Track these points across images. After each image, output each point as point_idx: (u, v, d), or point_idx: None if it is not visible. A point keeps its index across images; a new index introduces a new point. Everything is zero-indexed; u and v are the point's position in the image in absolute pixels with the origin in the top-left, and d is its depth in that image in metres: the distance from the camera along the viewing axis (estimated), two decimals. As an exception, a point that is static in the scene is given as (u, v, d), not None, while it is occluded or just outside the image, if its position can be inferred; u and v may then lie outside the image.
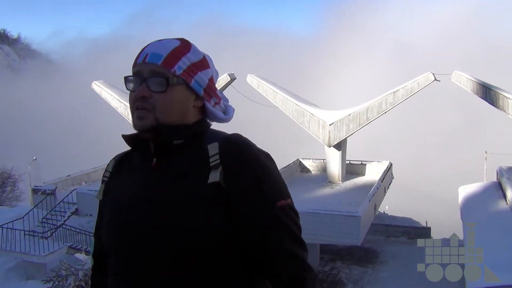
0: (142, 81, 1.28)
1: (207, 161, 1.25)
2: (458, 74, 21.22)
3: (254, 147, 1.29)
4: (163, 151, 1.30)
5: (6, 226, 16.21)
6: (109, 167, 1.45)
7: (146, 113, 1.27)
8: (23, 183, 26.16)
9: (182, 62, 1.30)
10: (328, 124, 20.96)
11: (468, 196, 17.35)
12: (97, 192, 1.47)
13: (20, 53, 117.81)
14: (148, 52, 1.30)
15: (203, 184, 1.22)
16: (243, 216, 1.22)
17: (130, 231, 1.26)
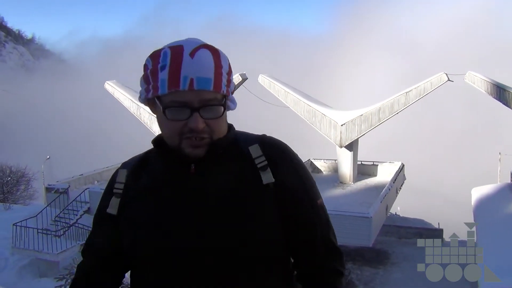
0: (192, 111, 1.18)
1: (253, 163, 1.27)
2: (471, 74, 21.00)
3: (290, 148, 1.37)
4: (203, 158, 1.26)
5: (20, 224, 16.38)
6: (121, 177, 1.34)
7: (204, 142, 1.22)
8: (36, 181, 26.40)
9: (224, 78, 1.23)
10: (339, 124, 20.87)
11: (481, 197, 17.16)
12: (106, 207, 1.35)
13: (34, 53, 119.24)
14: (193, 76, 1.16)
15: (258, 185, 1.25)
16: (293, 214, 1.29)
17: (191, 240, 1.21)
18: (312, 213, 1.33)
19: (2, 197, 23.20)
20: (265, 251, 1.25)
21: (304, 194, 1.33)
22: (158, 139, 1.31)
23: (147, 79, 1.23)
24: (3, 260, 16.27)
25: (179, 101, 1.18)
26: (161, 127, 1.26)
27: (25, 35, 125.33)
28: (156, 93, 1.20)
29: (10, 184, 24.04)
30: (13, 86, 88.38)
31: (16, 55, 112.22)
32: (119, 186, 1.33)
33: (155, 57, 1.22)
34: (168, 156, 1.28)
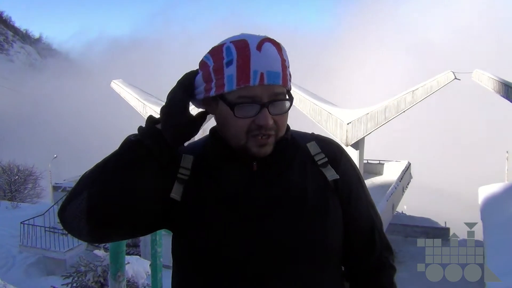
0: (261, 107, 1.14)
1: (312, 159, 1.27)
2: (479, 72, 20.88)
3: (342, 147, 1.37)
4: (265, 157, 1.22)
5: (28, 223, 16.49)
6: (186, 163, 1.25)
7: (271, 139, 1.18)
8: (44, 180, 26.59)
9: (288, 72, 1.19)
10: (345, 123, 20.83)
11: (489, 196, 17.06)
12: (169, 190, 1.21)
13: (41, 53, 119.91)
14: (263, 71, 1.11)
15: (321, 181, 1.25)
16: (354, 210, 1.29)
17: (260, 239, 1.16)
18: (371, 209, 1.35)
19: (10, 196, 23.39)
20: (334, 248, 1.24)
21: (362, 191, 1.34)
22: (219, 137, 1.24)
23: (209, 76, 1.16)
24: (11, 258, 16.41)
25: (248, 96, 1.13)
26: (224, 126, 1.20)
27: (33, 35, 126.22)
28: (222, 90, 1.14)
29: (17, 182, 24.23)
30: (20, 85, 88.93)
31: (24, 55, 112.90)
32: (185, 172, 1.23)
33: (217, 53, 1.16)
34: (227, 151, 1.22)
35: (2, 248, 16.80)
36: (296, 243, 1.18)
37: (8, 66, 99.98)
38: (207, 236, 1.19)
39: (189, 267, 1.24)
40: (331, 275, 1.25)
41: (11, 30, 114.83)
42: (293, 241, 1.18)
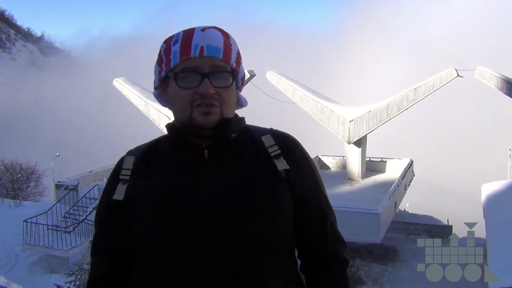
0: (203, 77, 1.21)
1: (266, 151, 1.30)
2: (481, 69, 20.82)
3: (298, 140, 1.40)
4: (217, 144, 1.27)
5: (30, 221, 16.53)
6: (128, 164, 1.32)
7: (214, 109, 1.23)
8: (46, 178, 26.65)
9: (233, 55, 1.26)
10: (348, 120, 20.79)
11: (491, 194, 17.02)
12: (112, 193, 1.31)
13: (43, 51, 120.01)
14: (203, 44, 1.21)
15: (272, 171, 1.28)
16: (305, 201, 1.32)
17: (206, 228, 1.20)
18: (323, 201, 1.38)
19: (13, 194, 23.45)
20: (279, 240, 1.26)
21: (315, 184, 1.37)
22: (171, 125, 1.31)
23: (161, 59, 1.28)
24: (14, 256, 16.45)
25: (190, 67, 1.22)
26: (173, 104, 1.28)
27: (35, 33, 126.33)
28: (169, 67, 1.24)
29: (20, 181, 24.28)
30: (22, 83, 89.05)
31: (26, 53, 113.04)
32: (125, 173, 1.31)
33: (169, 39, 1.28)
34: (180, 140, 1.28)
35: (5, 246, 16.84)
36: (241, 233, 1.20)
37: (10, 64, 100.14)
38: (143, 224, 1.24)
39: (138, 260, 1.30)
40: (279, 267, 1.27)
41: (13, 28, 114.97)
42: (238, 231, 1.20)
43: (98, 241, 1.39)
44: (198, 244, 1.19)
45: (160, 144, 1.35)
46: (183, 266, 1.21)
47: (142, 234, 1.25)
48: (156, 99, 1.36)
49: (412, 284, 15.11)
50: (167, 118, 23.40)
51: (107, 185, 1.36)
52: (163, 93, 1.32)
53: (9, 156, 25.61)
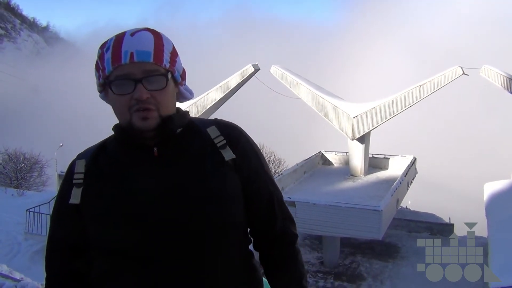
0: (136, 83, 1.24)
1: (212, 142, 1.36)
2: (487, 68, 20.71)
3: (243, 129, 1.47)
4: (164, 140, 1.32)
5: (33, 210, 16.63)
6: (79, 168, 1.36)
7: (151, 113, 1.26)
8: (49, 168, 26.71)
9: (166, 55, 1.29)
10: (351, 117, 20.75)
11: (494, 193, 17.00)
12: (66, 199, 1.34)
13: (48, 41, 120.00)
14: (132, 50, 1.23)
15: (220, 162, 1.34)
16: (253, 184, 1.39)
17: (166, 221, 1.25)
18: (269, 183, 1.45)
19: (16, 183, 23.56)
20: (231, 224, 1.33)
21: (261, 167, 1.44)
22: (118, 126, 1.34)
23: (97, 65, 1.30)
24: (16, 245, 16.55)
25: (122, 74, 1.24)
26: (114, 109, 1.31)
27: (40, 23, 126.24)
28: (104, 74, 1.27)
29: (23, 170, 24.39)
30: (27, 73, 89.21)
31: (31, 43, 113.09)
32: (78, 176, 1.35)
33: (103, 45, 1.30)
34: (129, 140, 1.32)
35: (8, 235, 16.95)
36: (195, 225, 1.26)
37: (15, 54, 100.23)
38: (100, 224, 1.28)
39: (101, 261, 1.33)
40: (234, 248, 1.35)
41: (18, 18, 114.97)
42: (192, 222, 1.26)
43: (52, 239, 1.42)
44: (155, 238, 1.24)
45: (108, 145, 1.39)
46: (141, 262, 1.26)
47: (100, 235, 1.29)
48: (103, 99, 1.39)
49: (412, 281, 15.15)
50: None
51: (61, 190, 1.40)
52: (106, 96, 1.35)
53: (13, 145, 25.70)
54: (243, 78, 23.00)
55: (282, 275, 1.45)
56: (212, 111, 23.54)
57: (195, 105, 22.34)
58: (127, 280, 1.28)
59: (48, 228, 1.46)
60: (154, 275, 1.25)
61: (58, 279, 1.40)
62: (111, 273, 1.30)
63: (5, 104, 75.26)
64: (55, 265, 1.42)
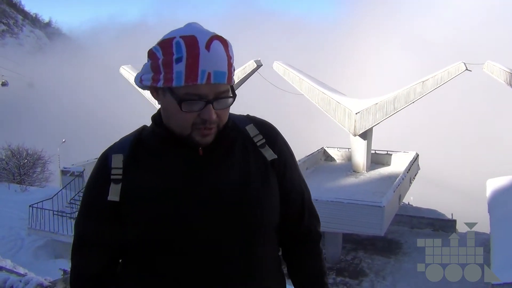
0: (206, 103, 1.21)
1: (252, 141, 1.38)
2: (490, 64, 20.63)
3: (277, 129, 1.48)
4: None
5: (36, 206, 16.66)
6: (116, 163, 1.31)
7: (212, 130, 1.26)
8: (52, 164, 26.79)
9: (233, 69, 1.27)
10: (354, 113, 20.73)
11: (497, 189, 16.98)
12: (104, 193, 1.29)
13: (51, 37, 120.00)
14: (210, 71, 1.18)
15: (262, 161, 1.36)
16: (287, 183, 1.41)
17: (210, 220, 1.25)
18: (301, 182, 1.49)
19: (19, 179, 23.61)
20: (271, 223, 1.36)
21: (294, 166, 1.47)
22: (158, 118, 1.33)
23: (157, 68, 1.23)
24: (19, 241, 16.61)
25: (195, 93, 1.20)
26: (169, 117, 1.28)
27: (42, 19, 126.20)
28: (170, 84, 1.20)
29: (26, 166, 24.42)
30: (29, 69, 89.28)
31: (33, 39, 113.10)
32: (117, 172, 1.30)
33: (167, 46, 1.21)
34: (174, 140, 1.29)
35: (11, 231, 17.01)
36: (237, 224, 1.28)
37: (18, 50, 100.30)
38: (145, 220, 1.25)
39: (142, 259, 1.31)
40: (269, 248, 1.38)
41: (20, 14, 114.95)
42: (234, 222, 1.27)
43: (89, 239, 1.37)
44: (195, 236, 1.25)
45: (146, 139, 1.35)
46: (186, 260, 1.26)
47: (140, 233, 1.26)
48: (136, 85, 1.37)
49: (414, 277, 15.17)
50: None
51: (95, 185, 1.36)
52: (152, 92, 1.32)
53: (15, 141, 25.75)
54: (245, 74, 23.00)
55: (305, 271, 1.48)
56: (215, 107, 23.50)
57: (198, 101, 22.35)
58: (165, 278, 1.28)
59: (75, 223, 1.42)
60: (192, 274, 1.26)
61: (87, 277, 1.37)
62: (147, 272, 1.30)
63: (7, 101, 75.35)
64: (84, 261, 1.38)
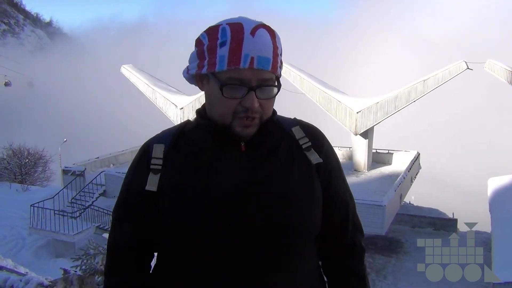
0: (249, 90, 1.17)
1: (297, 143, 1.32)
2: (492, 62, 20.61)
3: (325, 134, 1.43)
4: (253, 137, 1.26)
5: (38, 205, 16.69)
6: (157, 152, 1.28)
7: (255, 121, 1.22)
8: (53, 164, 26.84)
9: (279, 60, 1.23)
10: (355, 112, 20.71)
11: (498, 188, 16.97)
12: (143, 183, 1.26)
13: (52, 37, 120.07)
14: (254, 55, 1.15)
15: (306, 164, 1.30)
16: (331, 191, 1.35)
17: (247, 219, 1.20)
18: (346, 192, 1.42)
19: (20, 179, 23.65)
20: (313, 231, 1.30)
21: (340, 174, 1.41)
22: (205, 115, 1.29)
23: (202, 54, 1.22)
24: (21, 240, 16.65)
25: (237, 78, 1.17)
26: (212, 105, 1.25)
27: (43, 18, 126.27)
28: (213, 69, 1.19)
29: (28, 166, 24.48)
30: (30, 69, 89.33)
31: (34, 38, 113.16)
32: (156, 162, 1.26)
33: (213, 32, 1.20)
34: (217, 132, 1.25)
35: (13, 230, 17.05)
36: (278, 226, 1.21)
37: (19, 49, 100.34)
38: (181, 213, 1.22)
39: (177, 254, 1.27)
40: (308, 256, 1.32)
41: (21, 13, 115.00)
42: (275, 225, 1.21)
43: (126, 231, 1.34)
44: (236, 236, 1.20)
45: (190, 132, 1.32)
46: (219, 258, 1.21)
47: (175, 225, 1.22)
48: (184, 77, 1.33)
49: (415, 276, 15.15)
50: (174, 106, 23.42)
51: (134, 173, 1.32)
52: (197, 81, 1.29)
53: (17, 141, 25.79)
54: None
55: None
56: (215, 106, 23.48)
57: (198, 100, 22.31)
58: (199, 274, 1.23)
59: (113, 210, 1.38)
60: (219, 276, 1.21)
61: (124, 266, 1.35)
62: (181, 267, 1.26)
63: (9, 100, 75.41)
64: (120, 234, 1.36)
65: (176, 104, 22.92)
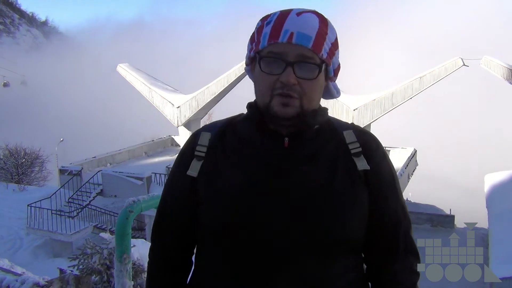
0: (287, 65, 1.14)
1: (346, 147, 1.24)
2: (488, 59, 20.65)
3: (379, 140, 1.32)
4: (298, 133, 1.22)
5: (35, 205, 16.66)
6: (203, 140, 1.27)
7: (292, 101, 1.16)
8: (50, 163, 26.78)
9: (327, 45, 1.18)
10: (352, 109, 20.73)
11: (495, 184, 17.02)
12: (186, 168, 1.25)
13: (47, 36, 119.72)
14: (293, 31, 1.14)
15: (352, 170, 1.21)
16: (381, 205, 1.24)
17: (281, 218, 1.14)
18: (399, 208, 1.29)
19: (17, 179, 23.60)
20: (350, 239, 1.20)
21: (393, 188, 1.28)
22: (253, 106, 1.25)
23: (253, 37, 1.22)
24: (18, 240, 16.62)
25: (275, 52, 1.15)
26: (256, 86, 1.23)
27: (39, 18, 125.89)
28: (258, 47, 1.19)
29: (24, 165, 24.43)
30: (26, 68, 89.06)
31: (30, 38, 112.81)
32: (201, 149, 1.26)
33: (265, 17, 1.22)
34: (261, 123, 1.22)
35: (10, 230, 17.01)
36: (314, 230, 1.15)
37: (14, 49, 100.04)
38: (222, 212, 1.18)
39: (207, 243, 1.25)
40: (345, 267, 1.22)
41: (17, 12, 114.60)
42: (311, 227, 1.15)
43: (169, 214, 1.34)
44: (267, 235, 1.15)
45: (238, 124, 1.30)
46: (247, 253, 1.17)
47: (213, 216, 1.20)
48: (246, 72, 1.32)
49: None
50: (170, 105, 23.37)
51: (180, 158, 1.32)
52: (251, 70, 1.26)
53: (13, 141, 25.71)
54: (242, 71, 22.93)
55: None
56: (212, 105, 23.49)
57: (195, 98, 22.29)
58: (230, 267, 1.19)
59: (161, 195, 1.38)
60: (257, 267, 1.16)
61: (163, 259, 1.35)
62: (214, 259, 1.23)
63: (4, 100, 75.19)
64: (161, 242, 1.35)
65: (173, 103, 22.87)
